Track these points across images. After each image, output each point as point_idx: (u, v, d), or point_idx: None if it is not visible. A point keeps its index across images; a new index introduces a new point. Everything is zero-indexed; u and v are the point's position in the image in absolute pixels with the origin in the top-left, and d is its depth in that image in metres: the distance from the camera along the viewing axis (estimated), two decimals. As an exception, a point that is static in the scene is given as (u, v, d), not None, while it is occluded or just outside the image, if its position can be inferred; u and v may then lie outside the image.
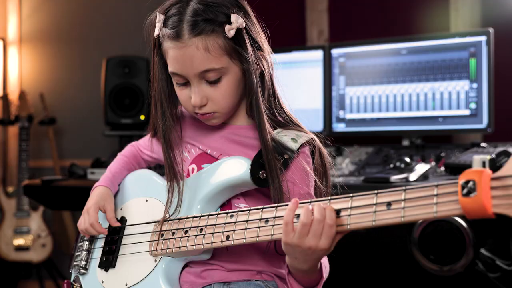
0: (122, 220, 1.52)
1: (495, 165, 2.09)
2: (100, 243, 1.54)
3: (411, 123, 2.76)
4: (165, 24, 1.36)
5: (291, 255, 1.22)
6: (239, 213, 1.29)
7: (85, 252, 1.55)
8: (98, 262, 1.52)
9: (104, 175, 1.60)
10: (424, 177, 2.28)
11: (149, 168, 1.64)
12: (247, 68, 1.37)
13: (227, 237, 1.29)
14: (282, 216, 1.20)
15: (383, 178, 2.22)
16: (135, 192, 1.55)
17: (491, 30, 2.61)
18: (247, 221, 1.27)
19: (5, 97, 4.43)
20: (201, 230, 1.33)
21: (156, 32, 1.38)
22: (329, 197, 1.18)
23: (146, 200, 1.50)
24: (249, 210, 1.28)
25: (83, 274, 1.55)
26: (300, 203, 1.20)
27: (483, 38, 2.61)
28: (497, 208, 0.98)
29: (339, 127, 2.91)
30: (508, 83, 2.91)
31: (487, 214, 0.98)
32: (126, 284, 1.43)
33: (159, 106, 1.45)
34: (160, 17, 1.37)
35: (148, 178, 1.55)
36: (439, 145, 2.68)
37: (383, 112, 2.82)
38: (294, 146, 1.39)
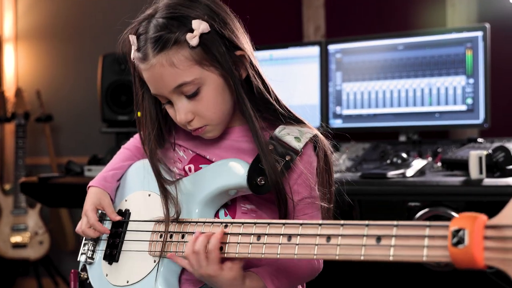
0: (126, 213, 1.51)
1: (491, 160, 2.10)
2: (106, 234, 1.52)
3: (407, 118, 2.76)
4: (137, 45, 1.32)
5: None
6: (233, 224, 1.25)
7: (92, 242, 1.55)
8: (103, 254, 1.51)
9: (99, 174, 1.58)
10: (421, 172, 2.29)
11: None
12: (222, 73, 1.31)
13: (221, 248, 1.24)
14: (274, 234, 1.17)
15: (380, 174, 2.23)
16: (139, 184, 1.51)
17: (487, 25, 2.61)
18: (240, 234, 1.23)
19: (1, 94, 4.42)
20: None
21: (132, 55, 1.34)
22: (320, 222, 1.12)
23: (149, 195, 1.47)
24: (243, 223, 1.23)
25: (90, 263, 1.54)
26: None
27: (479, 34, 2.61)
28: (490, 261, 0.90)
29: (336, 123, 2.91)
30: (504, 78, 2.91)
31: (477, 267, 0.91)
32: (128, 282, 1.42)
33: (145, 129, 1.42)
34: (133, 39, 1.33)
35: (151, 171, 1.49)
36: (436, 140, 2.68)
37: (380, 108, 2.83)
38: (298, 146, 1.35)
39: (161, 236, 1.37)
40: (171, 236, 1.35)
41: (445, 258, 0.94)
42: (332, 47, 2.94)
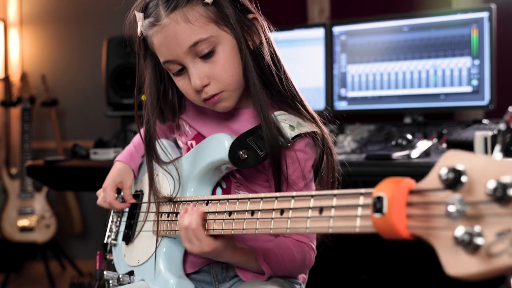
0: (140, 194, 1.53)
1: (496, 141, 2.10)
2: (126, 215, 1.56)
3: (413, 100, 2.76)
4: (145, 17, 1.30)
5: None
6: (212, 201, 1.23)
7: (116, 224, 1.58)
8: (122, 235, 1.54)
9: (126, 148, 1.60)
10: (426, 154, 2.29)
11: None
12: (236, 35, 1.28)
13: (203, 225, 1.24)
14: (243, 211, 1.14)
15: (385, 155, 2.23)
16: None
17: (493, 6, 2.59)
18: (216, 212, 1.21)
19: (7, 79, 4.43)
20: None
21: (139, 29, 1.32)
22: (277, 195, 1.08)
23: (157, 175, 1.45)
24: (219, 200, 1.21)
25: (114, 245, 1.57)
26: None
27: (485, 14, 2.60)
28: (414, 229, 0.80)
29: (341, 105, 2.91)
30: (510, 59, 2.90)
31: (401, 236, 0.82)
32: (138, 261, 1.45)
33: (145, 112, 1.41)
34: (139, 15, 1.31)
35: (162, 151, 1.48)
36: (441, 122, 2.68)
37: (385, 90, 2.82)
38: (289, 134, 1.30)
39: (161, 216, 1.38)
40: (168, 216, 1.36)
41: (370, 228, 0.87)
42: (336, 29, 2.93)
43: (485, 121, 2.47)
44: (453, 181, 0.75)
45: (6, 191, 4.23)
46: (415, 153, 2.25)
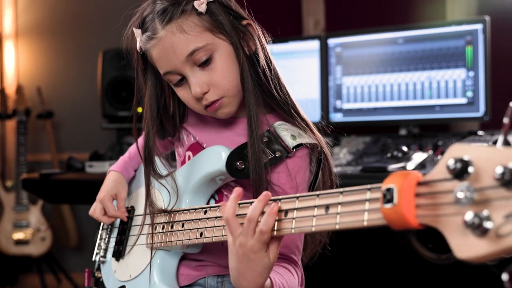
0: (131, 210, 1.53)
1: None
2: (115, 232, 1.55)
3: (408, 112, 2.76)
4: (143, 32, 1.32)
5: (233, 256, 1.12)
6: (211, 209, 1.25)
7: (104, 241, 1.57)
8: (112, 251, 1.53)
9: (121, 158, 1.59)
10: (421, 165, 2.29)
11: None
12: (232, 41, 1.30)
13: (201, 234, 1.25)
14: (244, 214, 1.11)
15: (381, 167, 2.23)
16: (142, 181, 1.52)
17: (487, 18, 2.61)
18: (215, 218, 1.22)
19: (2, 91, 4.42)
20: (182, 225, 1.31)
21: (138, 45, 1.34)
22: (280, 197, 1.09)
23: (152, 186, 1.45)
24: (218, 206, 1.22)
25: (103, 262, 1.56)
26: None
27: (479, 26, 2.61)
28: (422, 218, 0.84)
29: (336, 117, 2.91)
30: (504, 71, 2.91)
31: (411, 226, 0.85)
32: (130, 276, 1.44)
33: (145, 125, 1.41)
34: (137, 32, 1.33)
35: (162, 164, 1.48)
36: (436, 133, 2.68)
37: (380, 102, 2.83)
38: (290, 143, 1.32)
39: (155, 229, 1.38)
40: (162, 228, 1.36)
41: (380, 221, 0.89)
42: (332, 41, 2.94)
43: (480, 132, 2.48)
44: (461, 171, 0.78)
45: (1, 204, 4.21)
46: (410, 165, 2.25)
